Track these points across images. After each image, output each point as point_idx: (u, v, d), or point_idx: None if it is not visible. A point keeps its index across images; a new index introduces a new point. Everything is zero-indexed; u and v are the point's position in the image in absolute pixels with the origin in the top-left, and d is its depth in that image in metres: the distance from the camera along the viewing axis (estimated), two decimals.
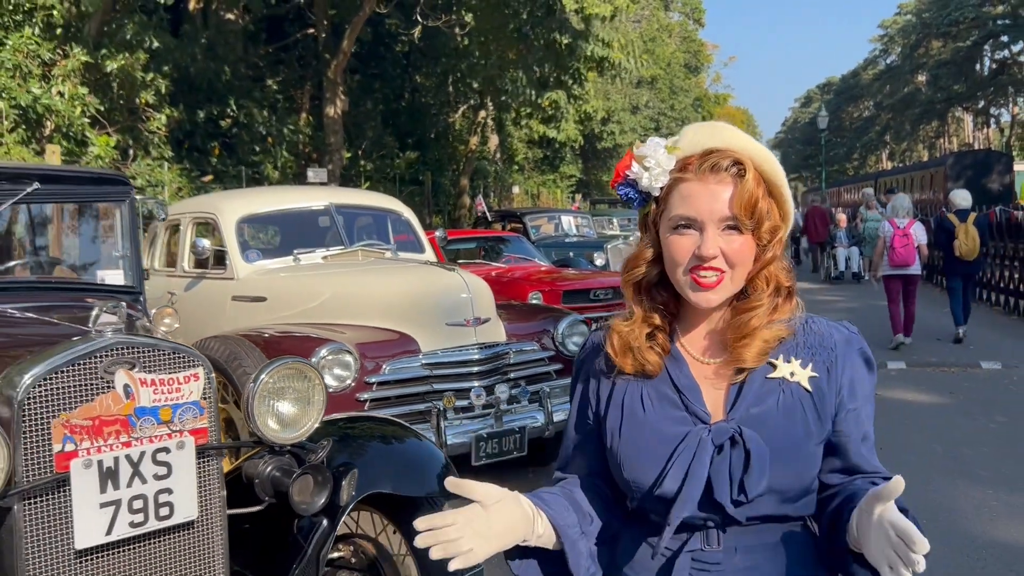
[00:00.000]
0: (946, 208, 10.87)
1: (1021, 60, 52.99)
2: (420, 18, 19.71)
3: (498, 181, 29.21)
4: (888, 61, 69.65)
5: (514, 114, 25.91)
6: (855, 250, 18.68)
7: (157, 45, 13.35)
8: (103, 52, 12.59)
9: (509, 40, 19.01)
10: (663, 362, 1.45)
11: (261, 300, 5.82)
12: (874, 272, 10.77)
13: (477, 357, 5.22)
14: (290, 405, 2.60)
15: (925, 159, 59.04)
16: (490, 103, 24.94)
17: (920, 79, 62.56)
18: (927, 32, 57.54)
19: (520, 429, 5.19)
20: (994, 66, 55.77)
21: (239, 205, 6.42)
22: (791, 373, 1.40)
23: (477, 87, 23.73)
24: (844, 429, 1.42)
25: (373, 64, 22.35)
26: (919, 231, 10.09)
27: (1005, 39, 51.91)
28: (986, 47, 54.60)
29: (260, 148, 17.88)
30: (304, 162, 18.45)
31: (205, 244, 5.85)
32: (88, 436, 2.20)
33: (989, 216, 14.77)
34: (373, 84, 22.67)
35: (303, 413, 2.62)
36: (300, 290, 5.76)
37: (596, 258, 11.84)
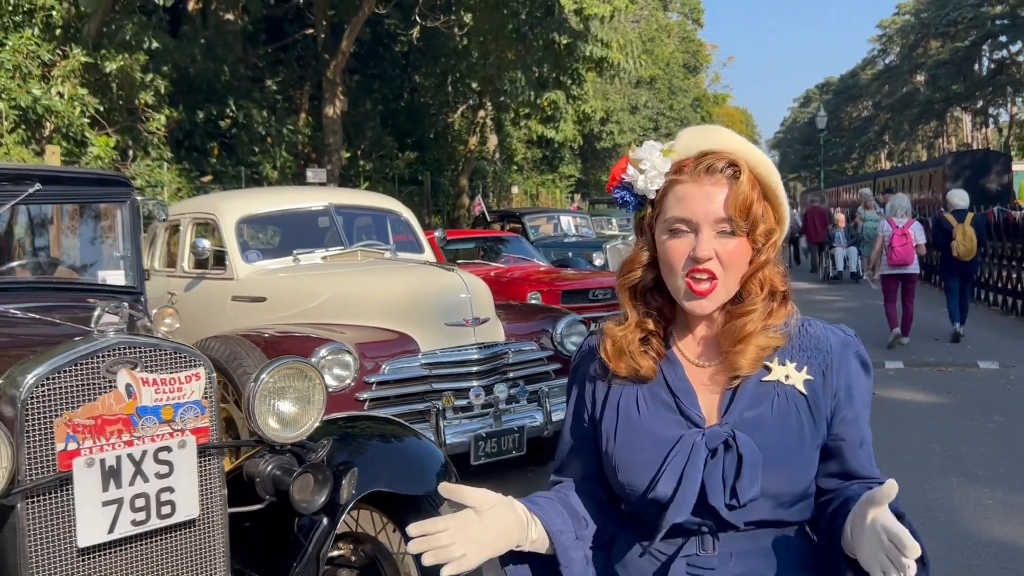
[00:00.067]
0: (944, 208, 10.90)
1: (1020, 60, 53.03)
2: (419, 18, 19.73)
3: (497, 181, 29.22)
4: (887, 61, 69.69)
5: (513, 114, 25.92)
6: (853, 250, 18.70)
7: (156, 46, 13.36)
8: (102, 53, 12.60)
9: (508, 40, 19.02)
10: (658, 366, 1.44)
11: (261, 300, 5.84)
12: (872, 271, 10.80)
13: (476, 357, 5.24)
14: (290, 404, 2.62)
15: (924, 159, 59.07)
16: (489, 103, 24.95)
17: (919, 79, 62.60)
18: (926, 32, 57.58)
19: (519, 429, 5.21)
20: (992, 66, 55.82)
21: (239, 205, 6.43)
22: (786, 376, 1.39)
23: (476, 87, 23.75)
24: (840, 433, 1.41)
25: (372, 64, 22.36)
26: (917, 231, 10.13)
27: (1003, 39, 51.97)
28: (984, 47, 54.65)
29: (259, 148, 17.87)
30: (303, 162, 18.45)
31: (205, 244, 5.86)
32: (90, 435, 2.22)
33: (987, 216, 14.81)
34: (372, 84, 22.68)
35: (303, 412, 2.64)
36: (300, 290, 5.78)
37: (595, 258, 11.86)
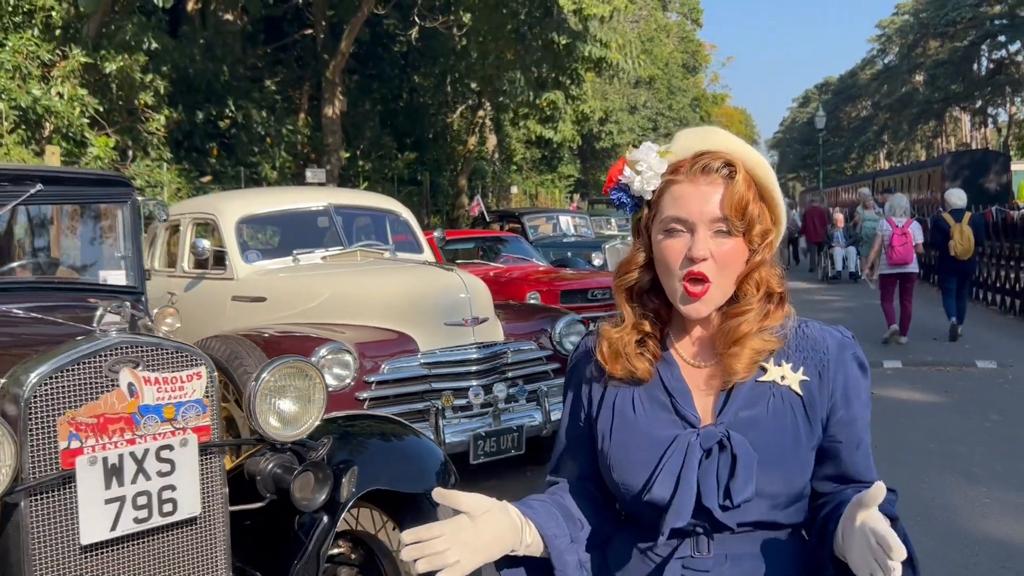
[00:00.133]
0: (942, 208, 10.93)
1: (1018, 60, 53.06)
2: (418, 19, 19.75)
3: (496, 181, 29.24)
4: (886, 61, 69.72)
5: (512, 114, 25.93)
6: (852, 250, 18.73)
7: (156, 46, 13.38)
8: (102, 53, 12.61)
9: (507, 40, 19.04)
10: (654, 367, 1.44)
11: (261, 300, 5.86)
12: (871, 271, 10.83)
13: (475, 356, 5.26)
14: (291, 403, 2.64)
15: (923, 159, 59.11)
16: (488, 103, 24.97)
17: (918, 79, 62.64)
18: (925, 32, 57.61)
19: (518, 428, 5.24)
20: (991, 66, 55.84)
21: (239, 206, 6.45)
22: (782, 377, 1.39)
23: (475, 87, 23.76)
24: (836, 435, 1.41)
25: (371, 64, 22.37)
26: (916, 230, 10.19)
27: (1002, 39, 52.01)
28: (983, 47, 54.68)
29: (258, 149, 17.88)
30: (302, 162, 18.45)
31: (205, 244, 5.88)
32: (93, 433, 2.23)
33: (985, 216, 14.84)
34: (371, 84, 22.69)
35: (304, 411, 2.66)
36: (299, 290, 5.80)
37: (594, 258, 11.88)
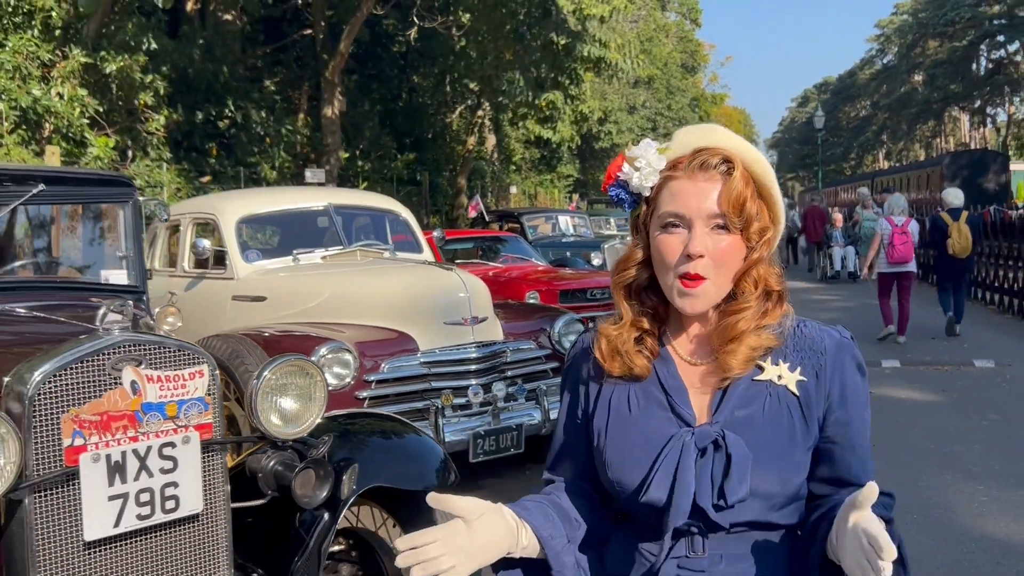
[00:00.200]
0: (940, 207, 10.98)
1: (1017, 60, 53.11)
2: (417, 19, 19.76)
3: (495, 181, 29.26)
4: (885, 61, 69.79)
5: (511, 114, 25.95)
6: (851, 249, 18.77)
7: (155, 47, 13.40)
8: (102, 54, 12.63)
9: (506, 40, 19.06)
10: (651, 365, 1.43)
11: (261, 300, 5.88)
12: (869, 271, 10.86)
13: (475, 355, 5.28)
14: (292, 401, 2.66)
15: (922, 159, 59.17)
16: (487, 103, 24.98)
17: (917, 79, 62.68)
18: (923, 32, 57.66)
19: (517, 426, 5.26)
20: (990, 66, 55.90)
21: (239, 205, 6.47)
22: (778, 376, 1.38)
23: (474, 87, 23.79)
24: (831, 436, 1.40)
25: (370, 65, 22.38)
26: (913, 230, 10.25)
27: (1001, 39, 52.07)
28: (982, 47, 54.73)
29: (258, 149, 17.90)
30: (302, 163, 18.45)
31: (205, 244, 5.89)
32: (96, 431, 2.26)
33: (984, 216, 14.88)
34: (371, 84, 22.71)
35: (305, 409, 2.68)
36: (299, 290, 5.82)
37: (593, 258, 11.90)
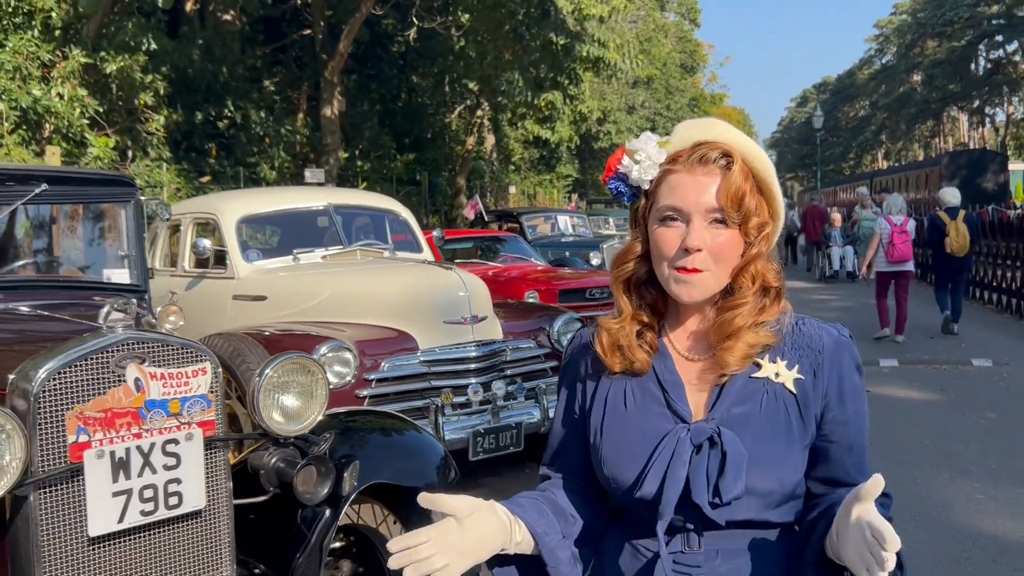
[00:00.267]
0: (938, 206, 11.03)
1: (1016, 60, 53.17)
2: (416, 19, 19.78)
3: (494, 181, 29.27)
4: (884, 61, 69.83)
5: (510, 114, 25.97)
6: (849, 249, 18.81)
7: (155, 47, 13.42)
8: (102, 54, 12.65)
9: (505, 41, 19.08)
10: (651, 360, 1.43)
11: (261, 299, 5.90)
12: (868, 269, 10.89)
13: (474, 354, 5.31)
14: (294, 398, 2.68)
15: (921, 159, 59.23)
16: (486, 103, 25.00)
17: (915, 79, 62.72)
18: (922, 32, 57.71)
19: (517, 425, 5.29)
20: (989, 66, 55.95)
21: (239, 205, 6.49)
22: (776, 374, 1.37)
23: (473, 87, 23.80)
24: (828, 434, 1.39)
25: (370, 65, 22.40)
26: (911, 228, 10.31)
27: (1000, 39, 52.12)
28: (981, 47, 54.77)
29: (257, 149, 17.91)
30: (301, 162, 18.47)
31: (206, 244, 5.91)
32: (101, 428, 2.28)
33: (982, 215, 14.93)
34: (370, 85, 22.73)
35: (306, 406, 2.71)
36: (300, 289, 5.84)
37: (592, 258, 11.93)
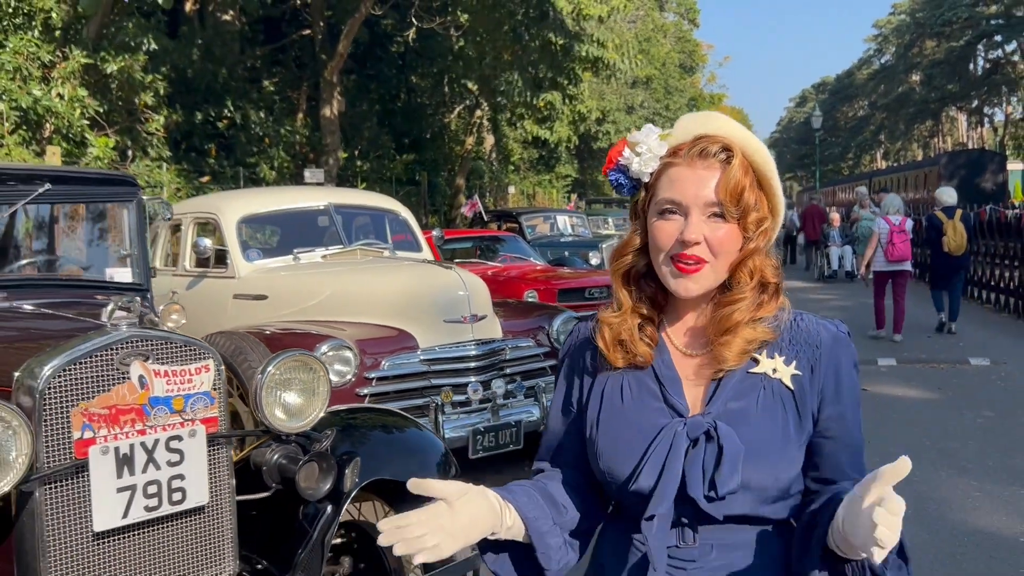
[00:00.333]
0: (935, 206, 11.08)
1: (1014, 60, 53.21)
2: (415, 19, 19.79)
3: (494, 181, 29.29)
4: (882, 61, 69.89)
5: (509, 115, 25.99)
6: (848, 249, 18.84)
7: (155, 47, 13.43)
8: (102, 54, 12.67)
9: (504, 41, 19.09)
10: (652, 353, 1.42)
11: (262, 298, 5.93)
12: (866, 269, 10.93)
13: (474, 353, 5.34)
14: (296, 396, 2.72)
15: (919, 158, 59.28)
16: (485, 104, 25.02)
17: (914, 79, 62.77)
18: (921, 32, 57.75)
19: (516, 423, 5.32)
20: (987, 66, 56.00)
21: (240, 205, 6.52)
22: (773, 369, 1.37)
23: (472, 88, 23.82)
24: (824, 430, 1.38)
25: (369, 65, 22.41)
26: (909, 228, 10.35)
27: (998, 39, 52.15)
28: (979, 47, 54.82)
29: (257, 149, 17.93)
30: (301, 163, 18.48)
31: (207, 243, 5.92)
32: (105, 424, 2.31)
33: (980, 215, 14.97)
34: (369, 85, 22.73)
35: (308, 403, 2.74)
36: (300, 288, 5.87)
37: (591, 257, 11.96)
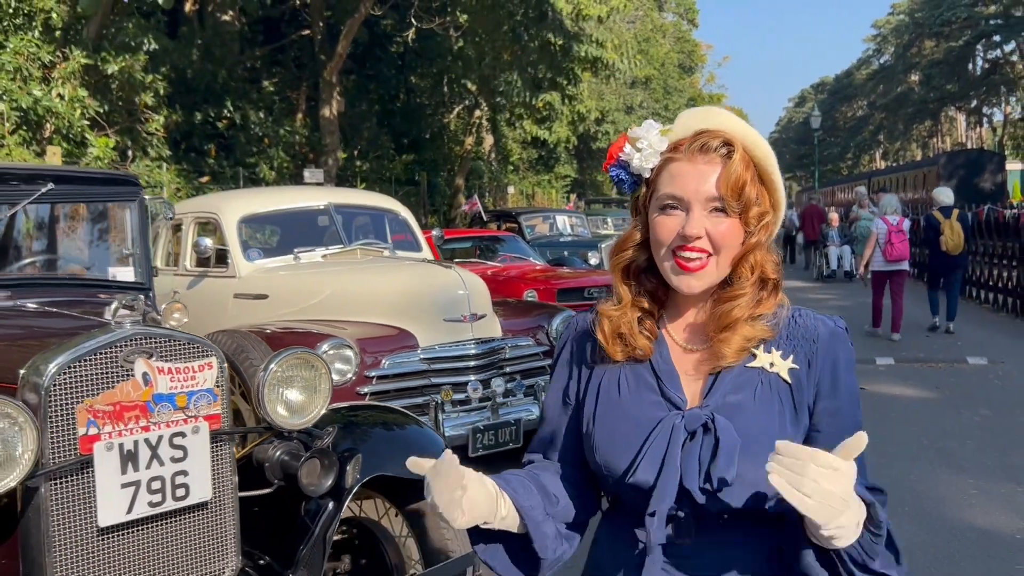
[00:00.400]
0: (932, 206, 11.12)
1: (1013, 60, 53.27)
2: (415, 20, 19.81)
3: (493, 181, 29.31)
4: (881, 61, 69.93)
5: (508, 115, 26.01)
6: (847, 248, 18.88)
7: (155, 47, 13.46)
8: (102, 55, 12.69)
9: (503, 41, 19.11)
10: (652, 347, 1.43)
11: (263, 298, 5.95)
12: (865, 268, 10.96)
13: (474, 352, 5.36)
14: (298, 393, 2.74)
15: (918, 158, 59.32)
16: (485, 104, 25.04)
17: (913, 79, 62.82)
18: (920, 32, 57.81)
19: (515, 421, 5.35)
20: (986, 66, 56.06)
21: (240, 205, 6.54)
22: (771, 364, 1.37)
23: (472, 88, 23.85)
24: (818, 424, 1.38)
25: (368, 65, 22.43)
26: (906, 227, 10.40)
27: (997, 39, 52.21)
28: (978, 47, 54.87)
29: (257, 149, 17.95)
30: (300, 163, 18.51)
31: (207, 243, 5.94)
32: (110, 421, 2.34)
33: (978, 215, 15.00)
34: (369, 85, 22.75)
35: (310, 400, 2.76)
36: (301, 288, 5.89)
37: (590, 257, 11.99)
